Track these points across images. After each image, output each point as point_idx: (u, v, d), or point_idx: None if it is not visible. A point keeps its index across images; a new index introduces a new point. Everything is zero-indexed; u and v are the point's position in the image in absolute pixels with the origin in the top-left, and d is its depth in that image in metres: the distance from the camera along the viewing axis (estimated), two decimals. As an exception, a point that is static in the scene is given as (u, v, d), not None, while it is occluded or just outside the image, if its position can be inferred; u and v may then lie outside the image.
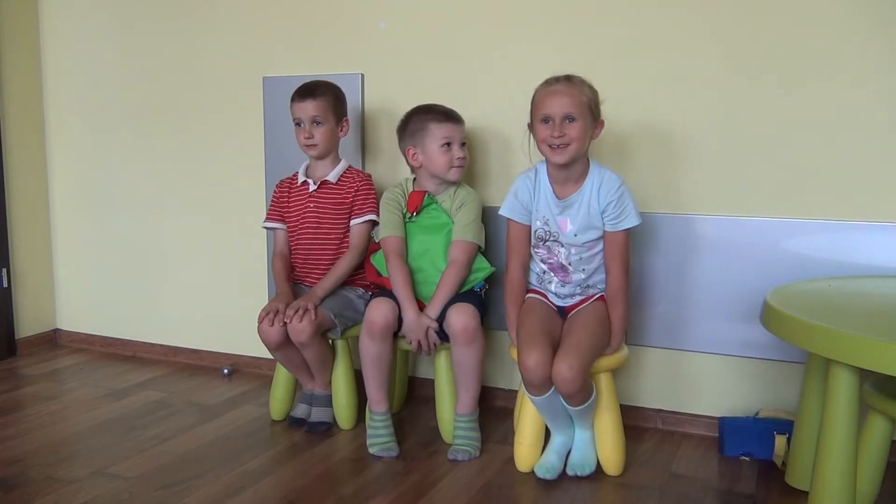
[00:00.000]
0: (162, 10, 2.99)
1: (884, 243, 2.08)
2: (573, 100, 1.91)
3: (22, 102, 3.20)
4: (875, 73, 2.06)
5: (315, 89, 2.36)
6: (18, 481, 2.00)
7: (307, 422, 2.37)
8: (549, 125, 1.93)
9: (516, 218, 2.09)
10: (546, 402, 1.95)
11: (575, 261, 2.06)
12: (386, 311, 2.15)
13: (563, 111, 1.91)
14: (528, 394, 1.96)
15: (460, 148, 2.27)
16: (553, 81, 1.95)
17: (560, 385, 1.87)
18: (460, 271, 2.21)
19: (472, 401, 2.21)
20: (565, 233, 2.03)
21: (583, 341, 1.93)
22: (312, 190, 2.41)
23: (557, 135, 1.91)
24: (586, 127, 1.93)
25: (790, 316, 1.65)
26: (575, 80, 1.94)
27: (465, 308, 2.13)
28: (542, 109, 1.95)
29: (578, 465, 2.03)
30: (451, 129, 2.26)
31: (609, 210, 1.99)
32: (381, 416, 2.23)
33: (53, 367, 3.07)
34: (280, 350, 2.27)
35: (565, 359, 1.87)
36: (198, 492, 1.94)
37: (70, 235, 3.33)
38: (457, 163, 2.26)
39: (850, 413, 1.63)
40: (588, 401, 1.95)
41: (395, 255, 2.25)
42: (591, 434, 2.07)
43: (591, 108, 1.94)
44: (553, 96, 1.93)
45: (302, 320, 2.18)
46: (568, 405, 1.95)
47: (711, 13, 2.20)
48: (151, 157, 3.09)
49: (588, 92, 1.94)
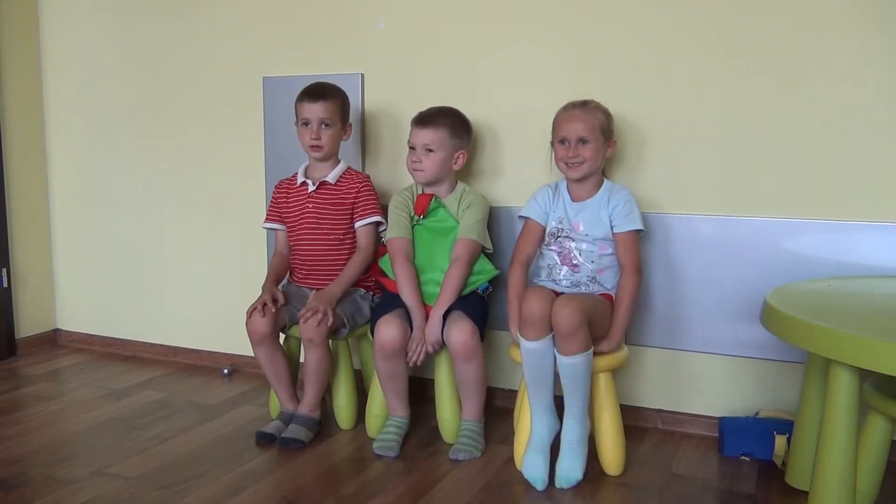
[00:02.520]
0: (162, 9, 2.99)
1: (884, 243, 2.08)
2: (586, 125, 2.11)
3: (22, 102, 3.20)
4: (875, 73, 2.06)
5: (326, 92, 2.35)
6: (18, 481, 2.00)
7: (279, 437, 2.23)
8: (566, 146, 2.13)
9: (533, 216, 2.21)
10: (539, 350, 1.93)
11: (586, 254, 2.13)
12: (394, 333, 2.14)
13: (577, 135, 2.11)
14: (523, 339, 1.95)
15: (423, 152, 2.28)
16: (571, 107, 2.15)
17: (558, 317, 1.88)
18: (463, 269, 2.22)
19: (477, 409, 2.24)
20: (578, 232, 2.15)
21: (584, 300, 1.98)
22: (311, 190, 2.41)
23: (572, 155, 2.11)
24: (598, 148, 2.12)
25: (790, 316, 1.65)
26: (590, 106, 2.14)
27: (463, 325, 2.12)
28: (559, 132, 2.15)
29: (566, 477, 1.97)
30: (413, 133, 2.30)
31: (617, 211, 2.12)
32: (398, 420, 2.25)
33: (53, 367, 3.07)
34: (263, 346, 2.25)
35: (565, 299, 1.93)
36: (198, 492, 1.94)
37: (70, 235, 3.33)
38: (412, 165, 2.29)
39: (850, 413, 1.63)
40: (584, 352, 1.91)
41: (401, 256, 2.26)
42: (584, 430, 2.00)
43: (603, 130, 2.13)
44: (569, 121, 2.13)
45: (319, 324, 2.17)
46: (562, 356, 1.91)
47: (711, 13, 2.20)
48: (151, 157, 3.09)
49: (601, 116, 2.13)
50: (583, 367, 1.93)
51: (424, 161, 2.27)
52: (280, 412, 2.35)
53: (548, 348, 1.94)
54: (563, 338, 1.90)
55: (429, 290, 2.26)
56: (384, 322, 2.16)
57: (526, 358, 1.97)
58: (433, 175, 2.29)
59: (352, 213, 2.40)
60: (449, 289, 2.20)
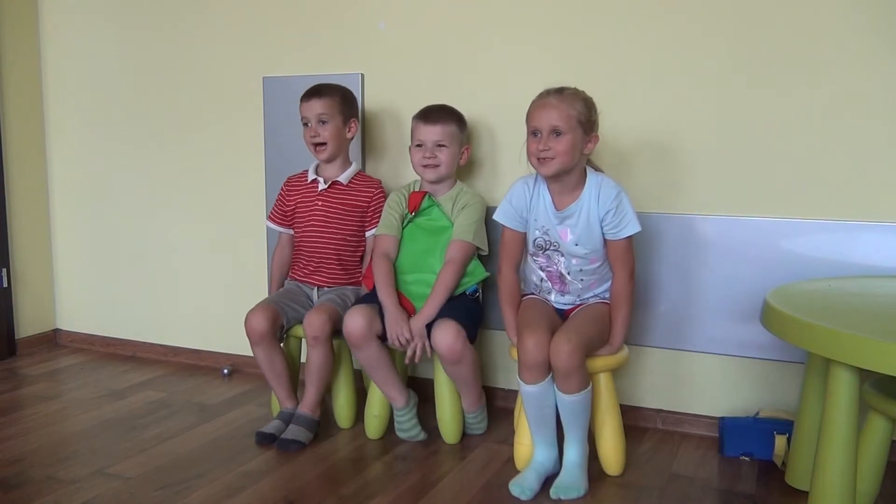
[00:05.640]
0: (162, 10, 2.99)
1: (884, 243, 2.08)
2: (561, 114, 1.88)
3: (22, 103, 3.20)
4: (875, 73, 2.06)
5: (322, 89, 2.37)
6: (18, 481, 2.00)
7: (279, 438, 2.23)
8: (538, 138, 1.91)
9: (510, 224, 2.07)
10: (538, 393, 1.89)
11: (574, 271, 2.04)
12: (358, 319, 2.13)
13: (550, 124, 1.88)
14: (522, 383, 1.90)
15: (435, 148, 2.27)
16: (545, 94, 1.92)
17: (557, 359, 1.83)
18: (456, 271, 2.21)
19: (476, 400, 2.26)
20: (565, 242, 2.01)
21: (583, 326, 1.92)
22: (322, 188, 2.41)
23: (542, 148, 1.89)
24: (575, 141, 1.89)
25: (790, 316, 1.65)
26: (567, 94, 1.90)
27: (448, 327, 2.11)
28: (531, 122, 1.93)
29: (564, 488, 1.90)
30: (423, 130, 2.28)
31: (608, 219, 1.96)
32: (402, 411, 2.25)
33: (53, 367, 3.07)
34: (261, 345, 2.25)
35: (564, 334, 1.86)
36: (198, 492, 1.94)
37: (70, 235, 3.33)
38: (425, 161, 2.28)
39: (850, 413, 1.63)
40: (583, 391, 1.88)
41: (380, 252, 2.28)
42: (583, 454, 1.96)
43: (581, 122, 1.89)
44: (542, 109, 1.90)
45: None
46: (562, 393, 1.88)
47: (712, 13, 2.20)
48: (151, 157, 3.09)
49: (579, 106, 1.90)
50: (582, 404, 1.91)
51: (439, 156, 2.26)
52: (280, 411, 2.35)
53: (548, 390, 1.90)
54: (563, 378, 1.86)
55: (417, 290, 2.24)
56: (349, 313, 2.16)
57: (526, 400, 1.93)
58: (448, 169, 2.29)
59: (363, 218, 2.42)
60: (439, 291, 2.19)
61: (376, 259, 2.28)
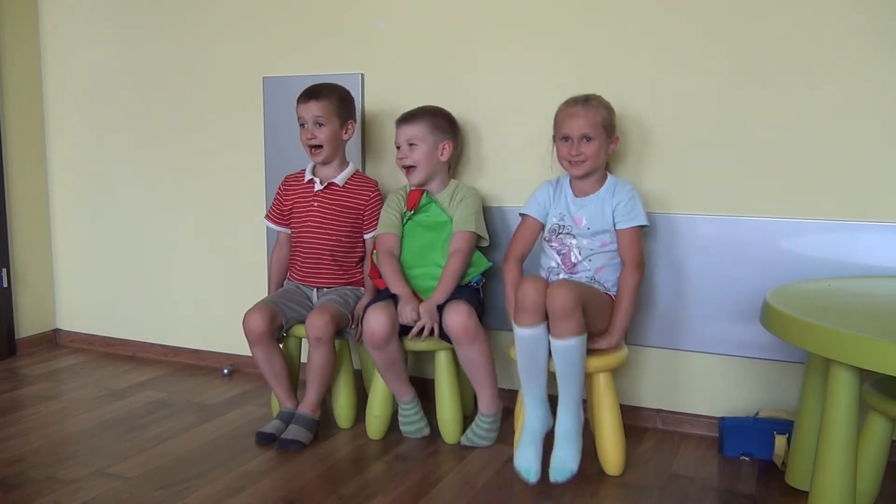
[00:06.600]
0: (162, 10, 2.99)
1: (884, 243, 2.08)
2: (589, 121, 2.08)
3: (22, 102, 3.20)
4: (875, 74, 2.06)
5: (320, 91, 2.37)
6: (18, 481, 2.00)
7: (279, 438, 2.22)
8: (569, 143, 2.11)
9: (532, 213, 2.20)
10: (532, 336, 1.92)
11: (585, 252, 2.11)
12: (382, 320, 2.13)
13: (580, 132, 2.09)
14: (516, 326, 1.94)
15: (407, 148, 2.30)
16: (573, 103, 2.12)
17: (553, 298, 1.87)
18: (463, 259, 2.24)
19: (493, 398, 2.24)
20: (579, 227, 2.13)
21: (580, 285, 1.99)
22: (318, 189, 2.41)
23: (575, 153, 2.10)
24: (601, 144, 2.11)
25: (790, 316, 1.65)
26: (592, 102, 2.11)
27: (459, 307, 2.13)
28: (562, 129, 2.13)
29: (558, 470, 1.94)
30: (397, 133, 2.33)
31: (620, 207, 2.11)
32: (408, 406, 2.27)
33: (53, 367, 3.07)
34: (259, 345, 2.26)
35: (560, 282, 1.94)
36: (198, 492, 1.94)
37: (70, 235, 3.33)
38: (401, 162, 2.32)
39: (850, 413, 1.63)
40: (577, 336, 1.89)
41: (384, 250, 2.29)
42: (578, 422, 1.97)
43: (605, 127, 2.10)
44: (572, 118, 2.10)
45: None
46: (556, 339, 1.89)
47: (712, 13, 2.20)
48: (151, 157, 3.09)
49: (603, 112, 2.11)
50: (577, 352, 1.91)
51: (412, 155, 2.29)
52: (280, 411, 2.35)
53: (541, 336, 1.92)
54: (557, 319, 1.88)
55: (424, 283, 2.26)
56: (371, 311, 2.16)
57: (519, 345, 1.95)
58: (424, 168, 2.30)
59: (360, 219, 2.42)
60: (448, 278, 2.21)
61: (381, 256, 2.28)
